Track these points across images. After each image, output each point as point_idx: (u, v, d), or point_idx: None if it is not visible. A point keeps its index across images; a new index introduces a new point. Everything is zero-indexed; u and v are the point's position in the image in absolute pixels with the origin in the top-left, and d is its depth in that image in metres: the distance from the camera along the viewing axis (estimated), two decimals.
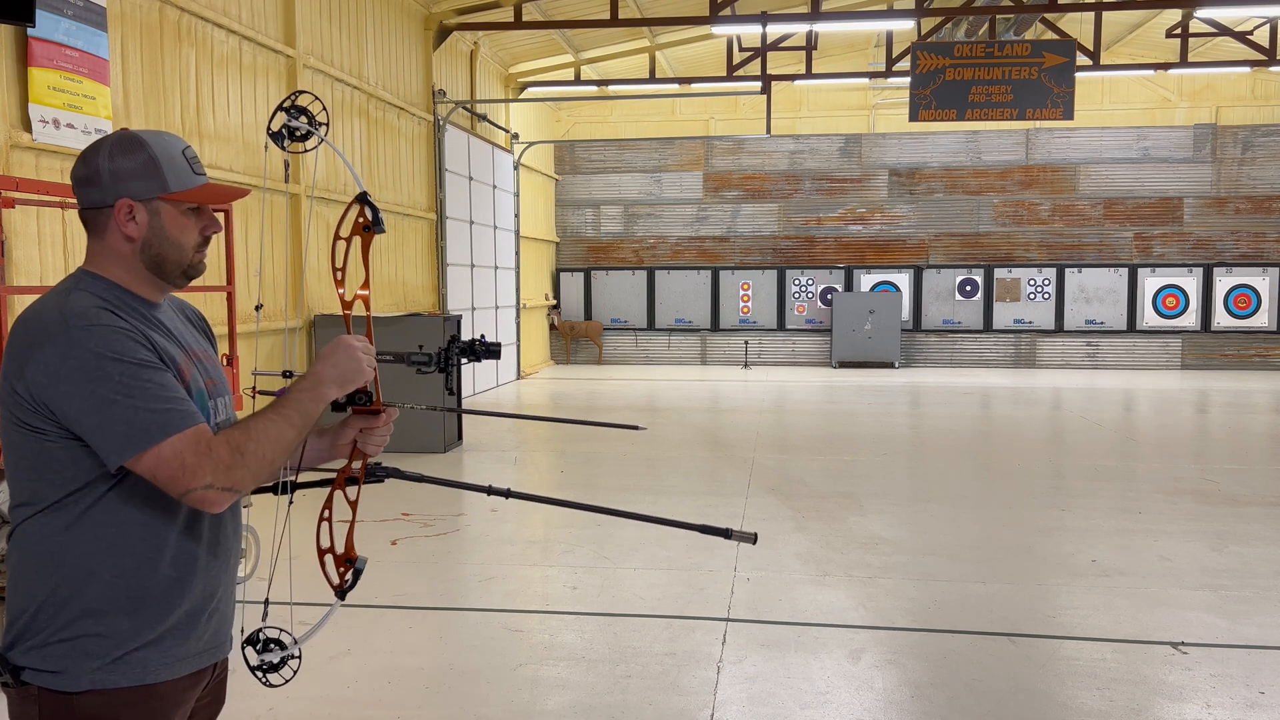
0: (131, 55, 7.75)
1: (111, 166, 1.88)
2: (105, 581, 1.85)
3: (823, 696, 4.31)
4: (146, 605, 1.88)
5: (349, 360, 2.00)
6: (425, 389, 9.28)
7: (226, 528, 2.04)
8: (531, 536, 7.20)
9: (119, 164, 1.88)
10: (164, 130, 2.00)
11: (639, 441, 11.38)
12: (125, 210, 1.89)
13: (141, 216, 1.90)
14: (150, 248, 1.92)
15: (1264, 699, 4.28)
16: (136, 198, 1.89)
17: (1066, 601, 5.59)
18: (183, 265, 1.96)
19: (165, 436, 1.77)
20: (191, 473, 1.77)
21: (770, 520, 7.42)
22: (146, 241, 1.91)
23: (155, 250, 1.92)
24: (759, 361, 21.33)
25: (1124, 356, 20.57)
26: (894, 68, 16.18)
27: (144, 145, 1.89)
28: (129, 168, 1.88)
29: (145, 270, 1.93)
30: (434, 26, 13.86)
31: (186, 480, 1.77)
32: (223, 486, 1.80)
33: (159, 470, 1.77)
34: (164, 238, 1.92)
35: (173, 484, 1.78)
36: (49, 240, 6.82)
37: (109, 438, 1.76)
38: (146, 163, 1.89)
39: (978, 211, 20.75)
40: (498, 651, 4.86)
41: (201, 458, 1.78)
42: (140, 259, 1.92)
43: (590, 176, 21.70)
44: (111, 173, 1.88)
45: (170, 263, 1.94)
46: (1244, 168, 20.08)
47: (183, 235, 1.94)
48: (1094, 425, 12.66)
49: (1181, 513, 7.74)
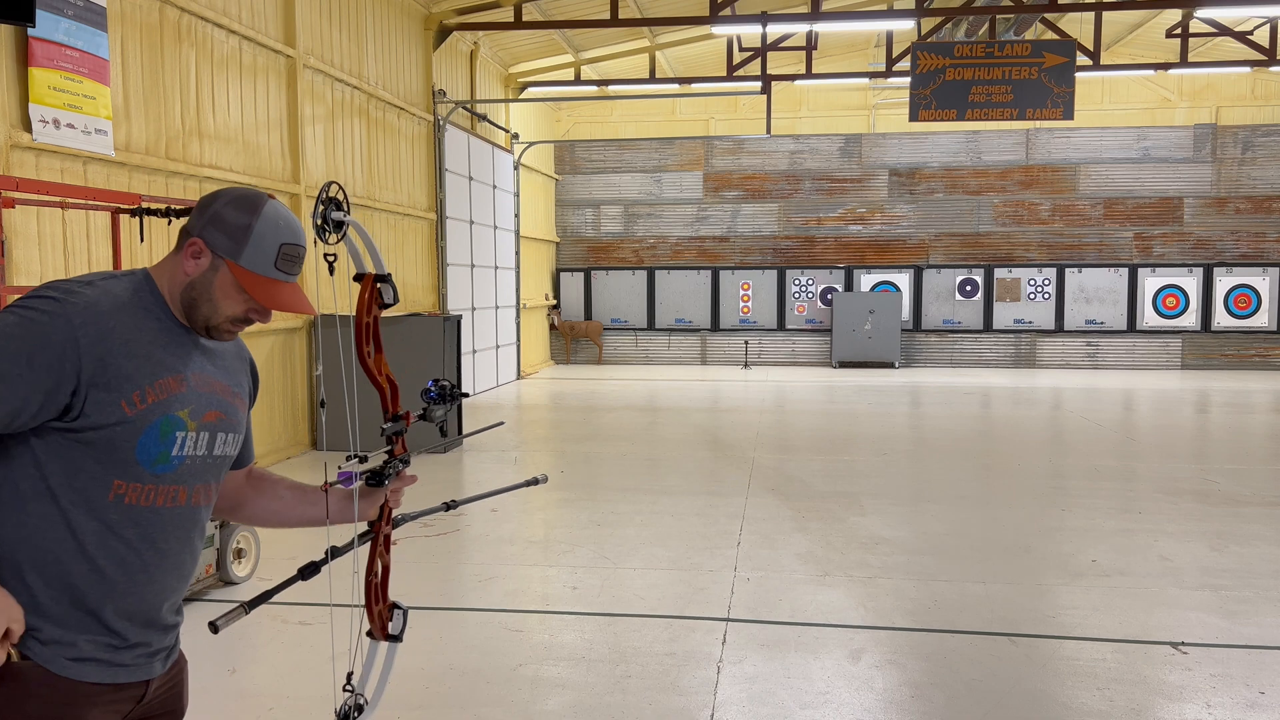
0: (131, 55, 7.75)
1: (218, 210, 1.95)
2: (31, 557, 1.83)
3: (823, 696, 4.31)
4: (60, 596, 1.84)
5: None
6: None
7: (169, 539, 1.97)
8: (531, 536, 7.20)
9: (224, 213, 1.95)
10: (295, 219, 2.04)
11: (639, 441, 11.38)
12: (195, 248, 1.94)
13: (204, 262, 1.94)
14: (192, 290, 1.95)
15: (1264, 699, 4.28)
16: (210, 246, 1.94)
17: (1066, 601, 5.59)
18: (209, 323, 1.98)
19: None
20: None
21: (770, 520, 7.42)
22: (193, 283, 1.95)
23: (194, 295, 1.95)
24: (759, 361, 21.33)
25: (1124, 356, 20.57)
26: (894, 68, 16.18)
27: (254, 214, 1.95)
28: (225, 221, 1.94)
29: (180, 304, 1.97)
30: (434, 26, 13.86)
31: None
32: None
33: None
34: (208, 293, 1.95)
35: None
36: (49, 240, 6.82)
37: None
38: (241, 229, 1.94)
39: (978, 211, 20.75)
40: (498, 651, 4.86)
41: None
42: (181, 293, 1.96)
43: (590, 176, 21.70)
44: (214, 215, 1.95)
45: (199, 314, 1.97)
46: (1244, 168, 20.08)
47: (225, 302, 1.97)
48: (1094, 425, 12.66)
49: (1181, 513, 7.74)
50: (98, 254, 7.18)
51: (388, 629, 2.31)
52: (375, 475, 2.22)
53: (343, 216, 2.11)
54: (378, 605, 2.30)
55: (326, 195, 2.10)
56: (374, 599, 2.29)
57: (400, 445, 2.27)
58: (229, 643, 4.89)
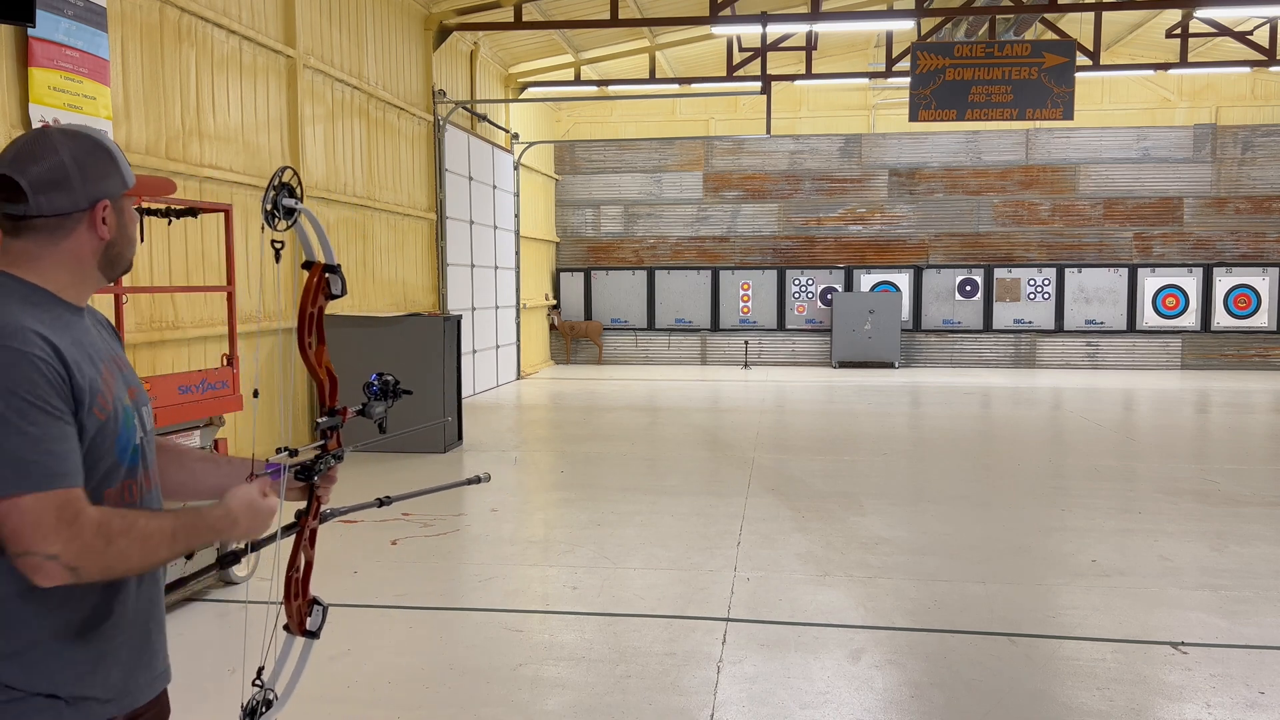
0: (131, 55, 7.75)
1: (81, 171, 1.76)
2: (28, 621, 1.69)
3: (823, 696, 4.31)
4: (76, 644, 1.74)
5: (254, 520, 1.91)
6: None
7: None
8: (531, 536, 7.20)
9: (91, 167, 1.77)
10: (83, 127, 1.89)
11: (639, 441, 11.38)
12: (104, 211, 1.79)
13: (111, 218, 1.81)
14: (114, 247, 1.84)
15: (1264, 699, 4.28)
16: (111, 197, 1.80)
17: (1066, 601, 5.59)
18: (130, 259, 1.90)
19: (31, 490, 1.59)
20: (43, 537, 1.59)
21: (770, 520, 7.42)
22: (113, 241, 1.83)
23: (118, 249, 1.85)
24: (759, 361, 21.33)
25: (1124, 356, 20.57)
26: (894, 68, 16.18)
27: (99, 142, 1.80)
28: (100, 167, 1.78)
29: (96, 271, 1.84)
30: (434, 26, 13.86)
31: (32, 542, 1.60)
32: (68, 564, 1.61)
33: (8, 518, 1.59)
34: (125, 235, 1.86)
35: (14, 539, 1.60)
36: None
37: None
38: (109, 160, 1.80)
39: (978, 211, 20.75)
40: (498, 651, 4.86)
41: (62, 526, 1.61)
42: (99, 259, 1.83)
43: (590, 176, 21.70)
44: (84, 175, 1.76)
45: (125, 259, 1.88)
46: (1244, 168, 20.08)
47: (133, 228, 1.88)
48: (1094, 425, 12.66)
49: (1181, 513, 7.74)
50: None
51: (305, 624, 2.22)
52: (305, 470, 2.15)
53: (294, 204, 2.04)
54: (296, 600, 2.21)
55: (280, 180, 2.03)
56: (293, 594, 2.21)
57: (335, 440, 2.21)
58: (230, 643, 4.90)
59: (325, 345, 2.22)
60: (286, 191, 2.04)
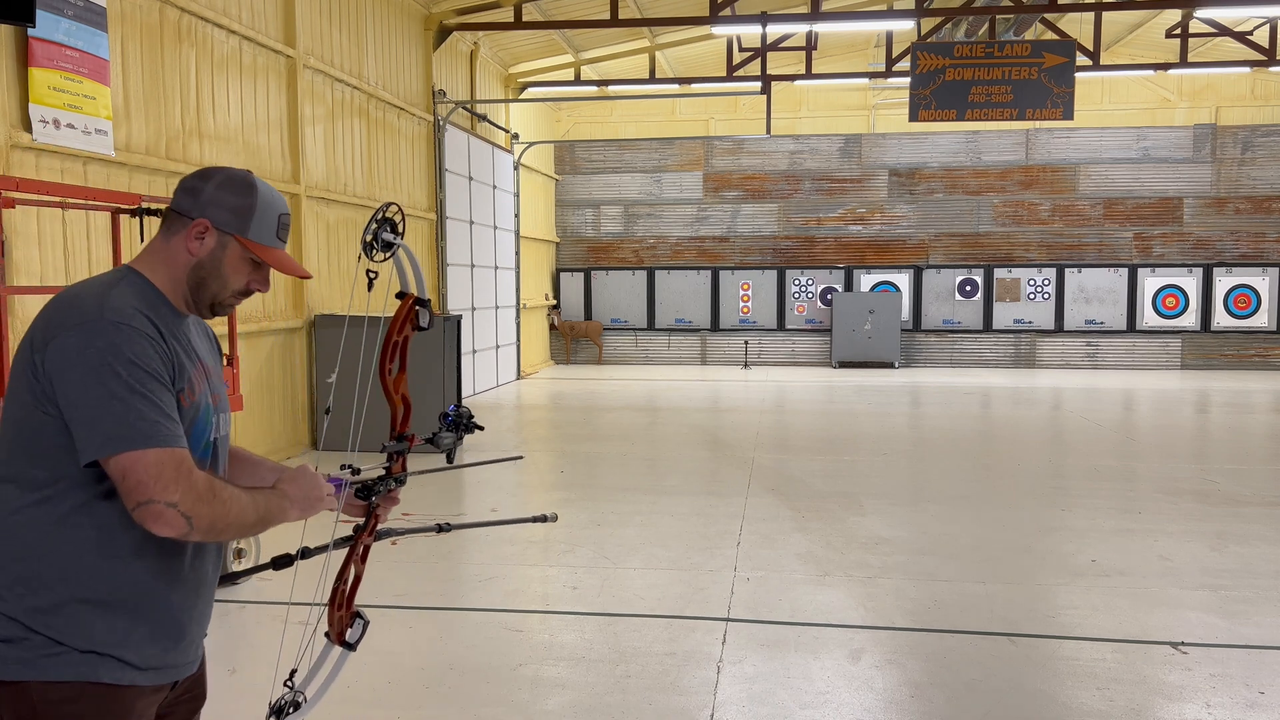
0: (131, 55, 7.75)
1: (216, 191, 2.01)
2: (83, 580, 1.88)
3: (823, 696, 4.31)
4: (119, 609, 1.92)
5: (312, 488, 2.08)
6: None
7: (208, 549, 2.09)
8: (531, 537, 7.19)
9: (223, 193, 2.02)
10: (280, 194, 2.12)
11: (639, 441, 11.38)
12: (200, 229, 2.01)
13: (210, 241, 2.02)
14: (200, 270, 2.02)
15: (1264, 699, 4.28)
16: (216, 225, 2.01)
17: (1066, 601, 5.59)
18: (216, 299, 2.07)
19: (151, 445, 1.81)
20: (163, 485, 1.80)
21: (770, 520, 7.42)
22: (200, 263, 2.02)
23: (203, 274, 2.03)
24: (759, 361, 21.33)
25: (1124, 356, 20.57)
26: (894, 68, 16.18)
27: (253, 192, 2.03)
28: (227, 200, 2.01)
29: (185, 286, 2.03)
30: (434, 26, 13.86)
31: (155, 490, 1.80)
32: (185, 511, 1.82)
33: (132, 472, 1.80)
34: (218, 270, 2.04)
35: (139, 489, 1.80)
36: (49, 240, 6.82)
37: (96, 429, 1.80)
38: (246, 206, 2.02)
39: (978, 211, 20.75)
40: (498, 651, 4.86)
41: (180, 476, 1.82)
42: (187, 275, 2.02)
43: (590, 176, 21.70)
44: (213, 195, 2.01)
45: (206, 292, 2.05)
46: (1244, 168, 20.08)
47: (233, 276, 2.06)
48: (1094, 425, 12.66)
49: (1181, 513, 7.74)
50: (98, 254, 7.18)
51: (345, 634, 2.31)
52: (365, 489, 2.23)
53: (393, 239, 2.15)
54: (340, 610, 2.29)
55: (384, 215, 2.16)
56: (338, 604, 2.28)
57: (400, 464, 2.29)
58: (230, 642, 4.90)
59: (405, 373, 2.30)
60: (389, 226, 2.15)
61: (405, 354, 2.29)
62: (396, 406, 2.28)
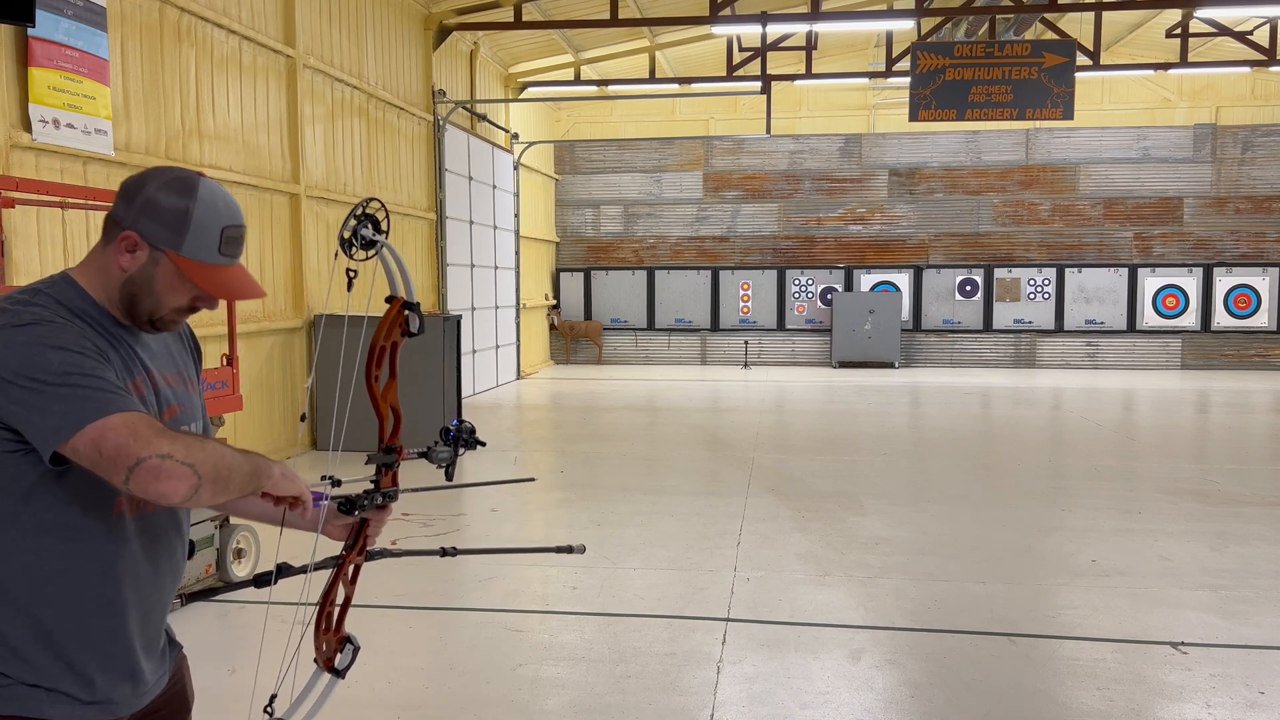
0: (131, 55, 7.75)
1: (150, 198, 1.80)
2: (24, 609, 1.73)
3: (823, 696, 4.31)
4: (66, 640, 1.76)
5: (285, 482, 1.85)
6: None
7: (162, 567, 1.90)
8: (531, 536, 7.20)
9: (157, 200, 1.79)
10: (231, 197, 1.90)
11: (639, 441, 11.38)
12: (129, 241, 1.80)
13: (141, 255, 1.81)
14: (131, 285, 1.82)
15: (1264, 699, 4.28)
16: (146, 238, 1.80)
17: (1066, 601, 5.59)
18: (153, 316, 1.86)
19: (111, 412, 1.61)
20: (146, 441, 1.59)
21: (770, 520, 7.42)
22: (131, 279, 1.81)
23: (133, 291, 1.82)
24: (759, 361, 21.33)
25: (1124, 356, 20.57)
26: (894, 68, 16.18)
27: (191, 198, 1.80)
28: (160, 209, 1.79)
29: (118, 300, 1.84)
30: (434, 26, 13.86)
31: (140, 447, 1.59)
32: (183, 460, 1.60)
33: (105, 440, 1.59)
34: (149, 287, 1.82)
35: (122, 454, 1.58)
36: (49, 240, 6.82)
37: (46, 419, 1.61)
38: (179, 216, 1.79)
39: (978, 211, 20.75)
40: (498, 651, 4.86)
41: (159, 430, 1.63)
42: (119, 289, 1.83)
43: (590, 176, 21.70)
44: (146, 203, 1.79)
45: (141, 309, 1.84)
46: (1244, 168, 20.08)
47: (169, 294, 1.84)
48: (1094, 425, 12.66)
49: (1181, 513, 7.74)
50: None
51: (334, 661, 2.14)
52: (347, 503, 2.07)
53: (373, 235, 2.01)
54: (327, 634, 2.13)
55: (363, 210, 1.99)
56: (325, 626, 2.12)
57: (389, 478, 2.13)
58: (230, 642, 4.90)
59: (396, 381, 2.14)
60: (370, 223, 2.00)
61: (395, 361, 2.14)
62: (385, 417, 2.13)
